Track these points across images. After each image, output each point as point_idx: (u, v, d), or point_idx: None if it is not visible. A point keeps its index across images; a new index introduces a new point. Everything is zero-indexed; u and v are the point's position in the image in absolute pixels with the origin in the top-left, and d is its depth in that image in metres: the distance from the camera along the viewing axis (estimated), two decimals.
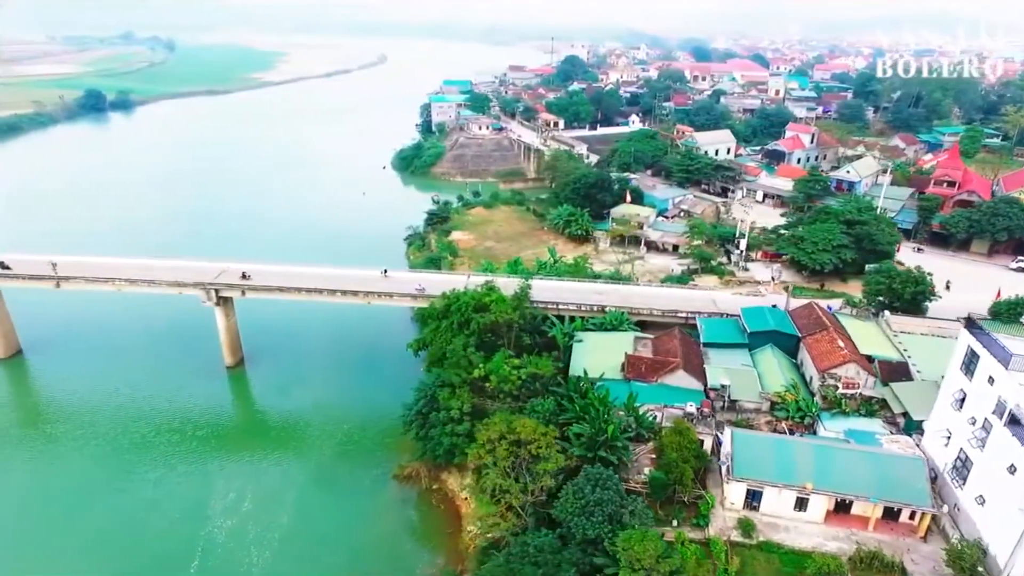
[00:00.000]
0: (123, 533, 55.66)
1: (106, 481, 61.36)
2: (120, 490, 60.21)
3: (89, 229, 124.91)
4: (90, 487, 60.52)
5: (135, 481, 61.56)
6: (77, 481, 61.18)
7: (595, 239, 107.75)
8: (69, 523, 56.53)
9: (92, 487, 60.54)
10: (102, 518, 57.27)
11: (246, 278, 76.22)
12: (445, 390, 58.54)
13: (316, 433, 69.25)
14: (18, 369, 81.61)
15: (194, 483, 61.87)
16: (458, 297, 66.29)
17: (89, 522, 56.78)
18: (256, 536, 55.70)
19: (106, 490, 60.29)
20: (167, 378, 78.08)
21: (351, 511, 59.79)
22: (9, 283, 77.24)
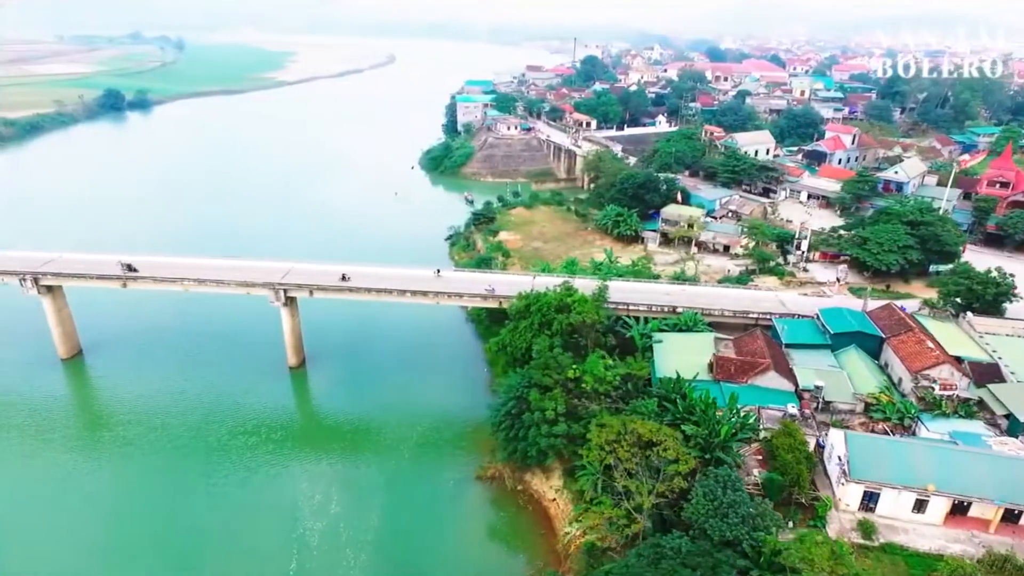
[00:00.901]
0: (219, 535, 55.42)
1: (191, 484, 60.93)
2: (208, 493, 59.81)
3: (129, 229, 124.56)
4: (177, 490, 60.02)
5: (220, 484, 61.20)
6: (163, 484, 60.61)
7: (644, 240, 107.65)
8: (162, 526, 56.19)
9: (179, 490, 60.05)
10: (195, 521, 56.87)
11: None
12: (534, 391, 58.21)
13: (390, 435, 68.85)
14: (80, 370, 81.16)
15: (279, 485, 61.52)
16: (538, 297, 66.08)
17: (182, 525, 56.42)
18: (349, 538, 55.41)
19: (194, 493, 59.88)
20: (231, 379, 77.76)
21: (439, 512, 59.48)
22: (76, 283, 76.88)
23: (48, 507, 57.74)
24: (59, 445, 66.11)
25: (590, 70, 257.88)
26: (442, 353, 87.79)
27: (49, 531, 55.17)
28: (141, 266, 76.10)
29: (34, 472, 62.01)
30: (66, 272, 76.09)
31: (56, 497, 58.82)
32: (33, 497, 58.91)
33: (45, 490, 59.68)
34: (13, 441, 66.22)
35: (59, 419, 70.87)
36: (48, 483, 60.70)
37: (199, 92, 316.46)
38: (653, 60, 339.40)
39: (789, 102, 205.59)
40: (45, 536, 54.68)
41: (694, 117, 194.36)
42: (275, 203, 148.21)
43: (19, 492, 59.45)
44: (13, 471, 62.00)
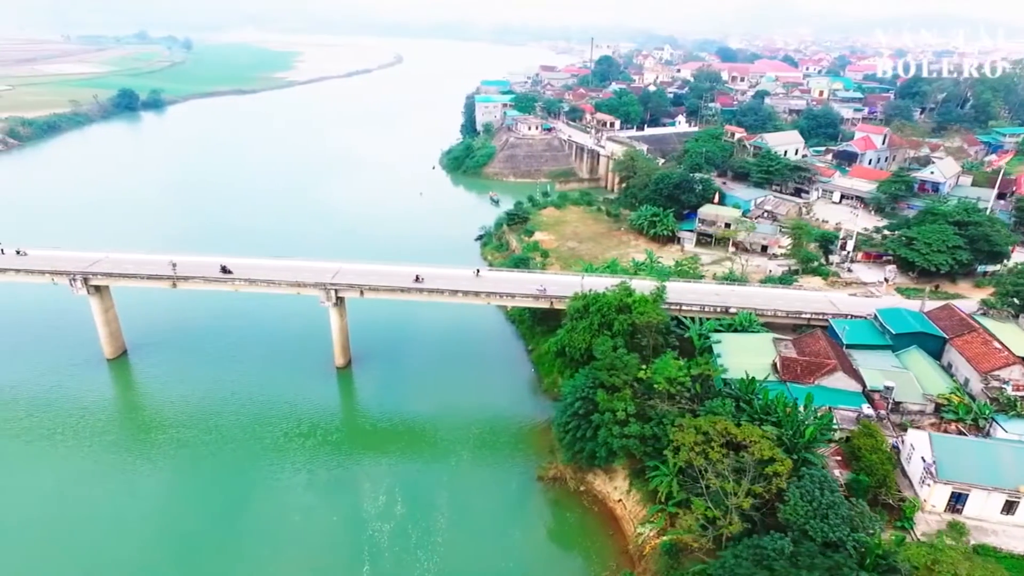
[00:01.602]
0: (289, 538, 54.96)
1: (254, 486, 60.60)
2: (272, 496, 59.46)
3: (161, 229, 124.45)
4: (240, 493, 59.69)
5: (284, 486, 60.87)
6: (225, 487, 60.29)
7: (680, 240, 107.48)
8: (230, 529, 55.89)
9: (242, 493, 59.71)
10: (262, 524, 56.55)
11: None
12: (600, 391, 57.98)
13: (446, 435, 68.55)
14: (125, 370, 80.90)
15: (342, 487, 61.25)
16: (596, 298, 65.86)
17: (250, 528, 56.12)
18: (418, 540, 55.14)
19: (257, 495, 59.53)
20: (279, 380, 77.41)
21: (504, 513, 59.36)
22: (126, 283, 76.61)
23: (111, 510, 57.45)
24: (116, 447, 65.79)
25: (605, 70, 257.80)
26: (484, 353, 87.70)
27: (113, 535, 54.84)
28: (188, 266, 75.83)
29: (94, 475, 61.56)
30: (116, 272, 75.85)
31: (118, 500, 58.48)
32: (93, 500, 58.59)
33: (106, 493, 59.32)
34: (69, 443, 65.79)
35: (113, 420, 70.77)
36: (108, 485, 60.30)
37: (211, 92, 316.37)
38: (664, 60, 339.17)
39: (808, 102, 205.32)
40: (109, 541, 54.26)
41: (714, 117, 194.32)
42: (298, 204, 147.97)
43: (80, 495, 59.00)
44: (71, 474, 61.57)
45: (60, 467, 62.48)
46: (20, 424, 68.05)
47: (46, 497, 58.60)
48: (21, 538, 54.27)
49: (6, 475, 61.13)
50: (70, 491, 59.47)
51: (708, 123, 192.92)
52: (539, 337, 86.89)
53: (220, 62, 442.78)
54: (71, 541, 53.99)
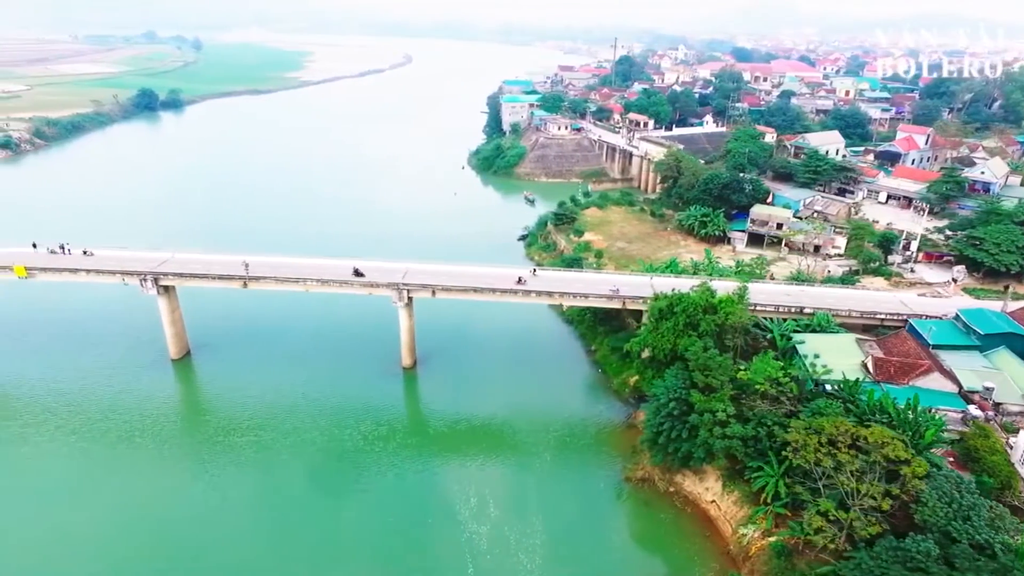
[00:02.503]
0: (387, 539, 54.76)
1: (343, 489, 60.26)
2: (362, 499, 59.11)
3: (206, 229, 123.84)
4: (330, 496, 59.22)
5: (373, 489, 60.50)
6: (314, 491, 59.75)
7: (731, 240, 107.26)
8: (328, 530, 55.52)
9: (332, 496, 59.25)
10: (359, 525, 56.36)
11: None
12: (695, 392, 57.69)
13: (526, 438, 68.01)
14: (191, 370, 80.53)
15: (431, 489, 60.88)
16: (681, 298, 65.53)
17: (346, 528, 55.92)
18: (517, 542, 54.81)
19: (348, 498, 59.18)
20: (347, 381, 76.97)
21: (597, 514, 59.05)
22: (197, 283, 76.27)
23: (206, 512, 57.06)
24: (198, 449, 65.28)
25: (627, 70, 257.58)
26: (543, 354, 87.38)
27: (215, 538, 54.45)
28: (265, 266, 75.51)
29: (182, 478, 61.09)
30: (187, 272, 75.48)
31: (212, 503, 58.04)
32: (189, 502, 58.12)
33: (199, 495, 58.88)
34: (150, 446, 65.29)
35: (189, 422, 70.44)
36: (198, 488, 59.87)
37: (227, 92, 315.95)
38: (679, 60, 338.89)
39: (835, 102, 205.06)
40: (212, 543, 53.90)
41: (741, 117, 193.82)
42: (335, 204, 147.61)
43: (173, 498, 58.48)
44: (160, 477, 61.04)
45: (148, 470, 61.94)
46: (98, 427, 67.54)
47: (144, 500, 58.10)
48: (131, 543, 53.72)
49: (99, 480, 60.61)
50: (163, 494, 58.98)
51: (736, 123, 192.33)
52: (600, 337, 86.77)
53: (231, 62, 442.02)
54: (178, 545, 53.51)
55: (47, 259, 77.52)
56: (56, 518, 55.54)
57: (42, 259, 77.53)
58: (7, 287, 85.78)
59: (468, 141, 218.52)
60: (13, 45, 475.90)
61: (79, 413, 69.56)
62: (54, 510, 56.48)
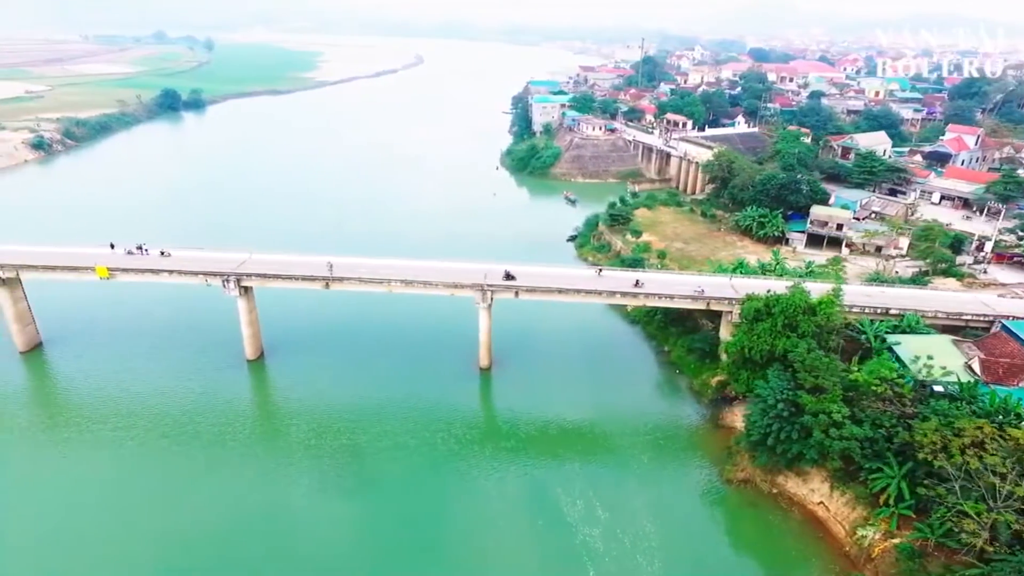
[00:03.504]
0: (504, 543, 54.50)
1: (450, 490, 59.89)
2: (470, 505, 58.70)
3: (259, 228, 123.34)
4: (439, 499, 58.84)
5: (478, 492, 60.12)
6: (420, 494, 59.45)
7: (790, 241, 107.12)
8: (444, 535, 55.44)
9: (440, 499, 58.85)
10: (470, 531, 56.03)
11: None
12: (803, 393, 57.47)
13: (618, 440, 67.54)
14: (267, 372, 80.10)
15: (535, 492, 60.38)
16: (778, 299, 65.31)
17: (459, 534, 55.68)
18: (632, 545, 54.44)
19: (455, 501, 58.74)
20: (427, 383, 76.19)
21: (706, 516, 58.89)
22: (279, 284, 75.91)
23: (312, 518, 56.59)
24: (291, 454, 64.15)
25: (652, 70, 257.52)
26: (613, 355, 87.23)
27: (323, 548, 53.92)
28: (349, 267, 75.23)
29: (279, 483, 60.48)
30: (271, 273, 75.15)
31: (319, 509, 57.52)
32: (292, 509, 57.69)
33: (302, 501, 58.48)
34: (242, 449, 64.90)
35: (277, 425, 69.36)
36: (299, 493, 59.41)
37: (246, 92, 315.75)
38: (697, 60, 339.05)
39: (866, 103, 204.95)
40: (320, 552, 53.23)
41: (773, 118, 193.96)
42: (377, 204, 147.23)
43: (278, 509, 57.83)
44: (258, 481, 60.54)
45: (246, 475, 61.37)
46: (187, 430, 66.83)
47: (250, 506, 57.73)
48: (249, 548, 53.59)
49: (202, 483, 60.22)
50: (270, 500, 58.54)
51: (768, 123, 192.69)
52: (672, 338, 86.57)
53: (244, 62, 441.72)
54: (291, 551, 53.17)
55: (127, 260, 77.17)
56: (172, 521, 55.25)
57: (121, 260, 77.19)
58: (76, 288, 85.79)
59: (495, 141, 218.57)
60: (25, 46, 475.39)
61: (165, 416, 68.97)
62: (167, 514, 56.18)
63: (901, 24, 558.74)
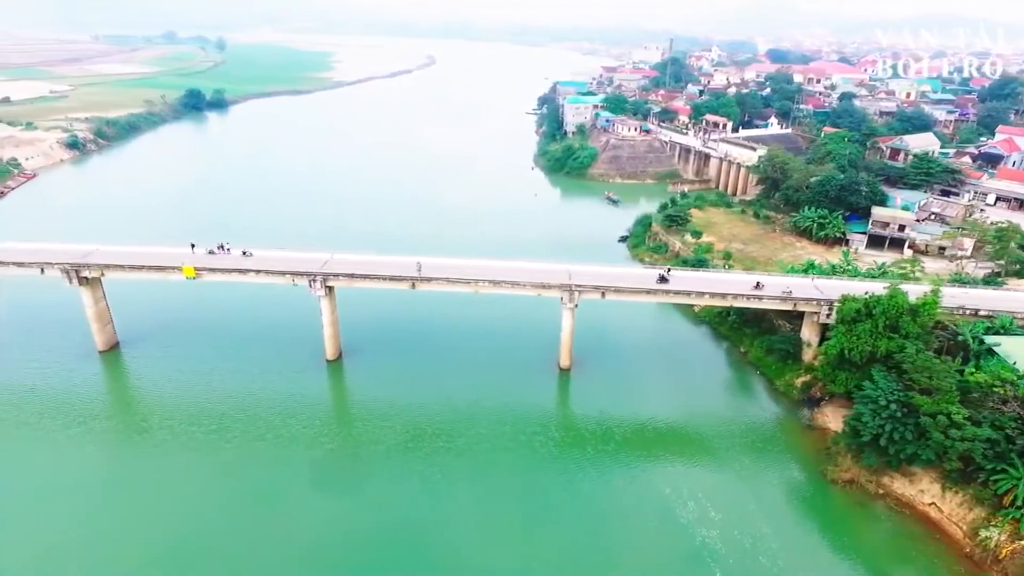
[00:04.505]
0: (625, 546, 54.41)
1: (552, 496, 59.63)
2: (582, 508, 58.34)
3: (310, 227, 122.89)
4: (540, 500, 59.05)
5: (586, 495, 59.75)
6: (533, 499, 59.48)
7: (850, 242, 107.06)
8: (553, 530, 55.41)
9: (542, 500, 59.05)
10: (586, 525, 56.05)
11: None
12: (916, 394, 57.42)
13: (714, 441, 67.33)
14: (346, 373, 79.94)
15: (643, 491, 60.39)
16: (879, 300, 65.19)
17: (574, 526, 55.81)
18: (753, 547, 54.22)
19: (565, 506, 58.48)
20: (511, 384, 76.18)
21: (818, 516, 58.67)
22: (367, 284, 75.70)
23: (433, 524, 56.37)
24: (396, 456, 63.90)
25: (678, 71, 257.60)
26: (690, 355, 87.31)
27: (443, 553, 53.76)
28: (436, 267, 75.08)
29: (396, 489, 60.00)
30: (358, 273, 74.99)
31: (435, 514, 57.32)
32: (410, 515, 57.51)
33: (426, 507, 58.09)
34: (347, 455, 64.73)
35: (375, 429, 67.86)
36: (410, 494, 59.26)
37: (266, 92, 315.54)
38: (715, 61, 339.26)
39: (898, 104, 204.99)
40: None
41: (806, 119, 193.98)
42: (419, 204, 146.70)
43: (396, 512, 57.65)
44: (380, 491, 59.93)
45: (356, 477, 61.45)
46: (282, 434, 66.07)
47: (370, 512, 57.68)
48: (373, 553, 53.56)
49: (309, 488, 60.08)
50: (380, 503, 58.58)
51: (801, 125, 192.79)
52: (748, 339, 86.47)
53: (258, 62, 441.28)
54: (415, 556, 53.12)
55: (211, 260, 77.02)
56: (294, 527, 55.04)
57: (205, 259, 77.03)
58: (146, 287, 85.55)
59: (523, 142, 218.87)
60: (38, 46, 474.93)
61: (257, 418, 68.23)
62: (287, 519, 55.97)
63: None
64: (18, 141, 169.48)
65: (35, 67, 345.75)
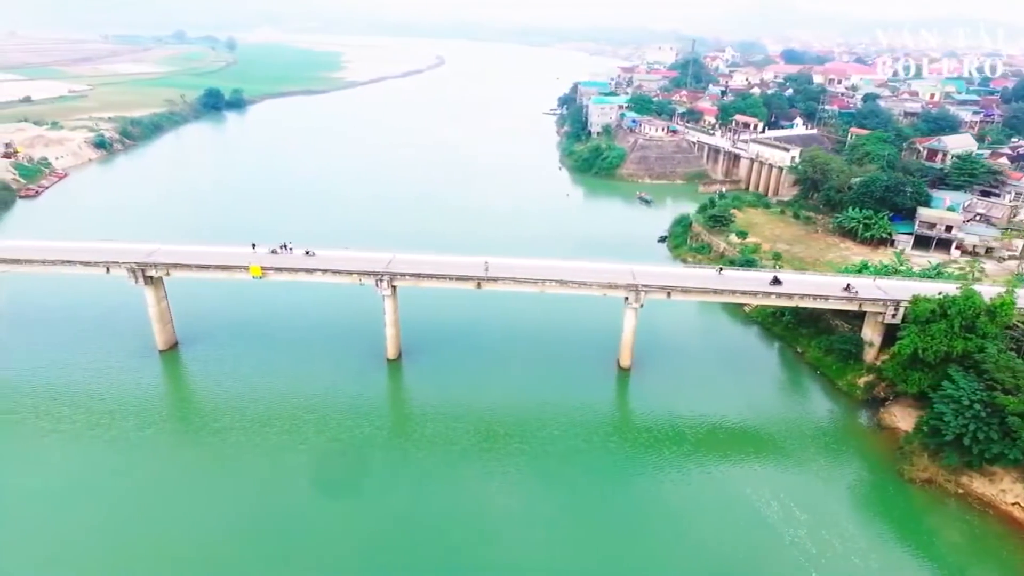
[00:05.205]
0: (711, 540, 54.62)
1: (642, 493, 59.92)
2: (664, 506, 58.67)
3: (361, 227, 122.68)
4: (632, 497, 59.17)
5: (671, 493, 60.10)
6: (618, 491, 59.81)
7: (896, 242, 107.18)
8: (641, 530, 55.51)
9: (634, 497, 59.18)
10: (676, 525, 56.27)
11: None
12: (999, 394, 57.52)
13: (786, 442, 67.35)
14: (401, 372, 79.93)
15: (725, 491, 60.39)
16: (954, 301, 65.28)
17: (663, 526, 56.13)
18: (844, 547, 54.17)
19: (652, 501, 58.97)
20: (571, 383, 76.40)
21: (902, 516, 58.71)
22: (432, 284, 75.73)
23: (516, 524, 56.61)
24: (468, 457, 63.94)
25: (699, 72, 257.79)
26: (745, 354, 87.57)
27: (530, 553, 53.86)
28: (503, 267, 75.19)
29: (488, 494, 59.90)
30: (424, 273, 74.98)
31: (520, 516, 57.41)
32: (492, 517, 57.67)
33: (513, 509, 58.05)
34: (421, 454, 64.99)
35: (448, 429, 67.43)
36: (492, 493, 59.43)
37: (282, 92, 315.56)
38: (729, 62, 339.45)
39: (923, 105, 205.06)
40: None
41: (831, 120, 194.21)
42: (450, 203, 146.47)
43: (479, 517, 57.79)
44: (464, 491, 59.97)
45: (438, 478, 61.05)
46: (355, 435, 66.09)
47: (457, 514, 57.73)
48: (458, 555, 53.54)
49: (401, 489, 60.22)
50: (463, 505, 58.76)
51: (826, 125, 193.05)
52: (805, 339, 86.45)
53: (269, 62, 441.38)
54: (499, 557, 53.23)
55: (275, 259, 77.11)
56: (381, 529, 55.46)
57: (269, 259, 77.13)
58: (205, 287, 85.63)
59: (544, 142, 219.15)
60: (48, 45, 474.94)
61: (328, 420, 67.50)
62: (376, 522, 56.38)
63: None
64: (47, 141, 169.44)
65: (49, 67, 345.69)
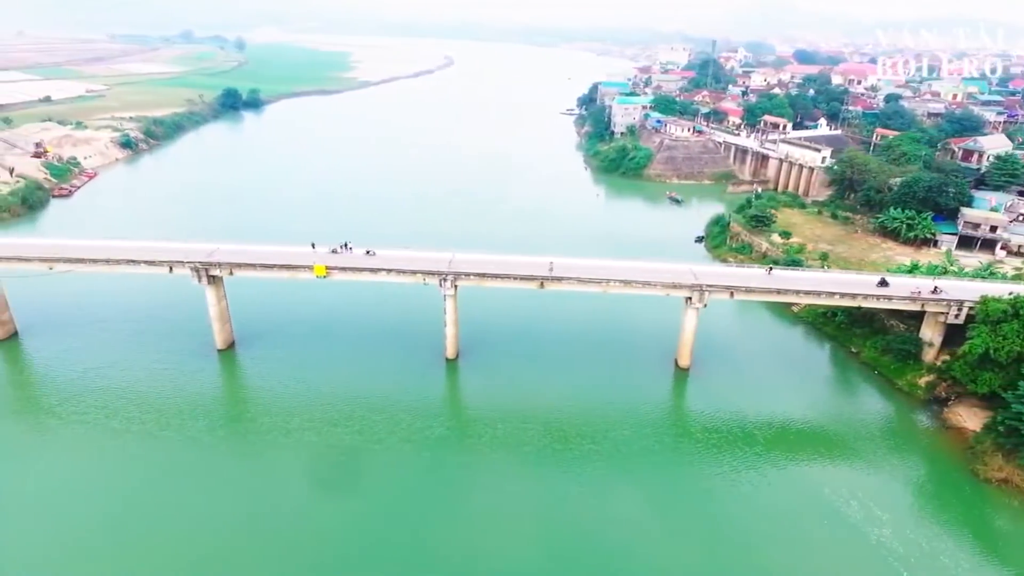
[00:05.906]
0: (799, 538, 54.80)
1: (723, 493, 60.08)
2: (747, 506, 58.61)
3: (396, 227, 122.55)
4: (713, 498, 59.42)
5: (750, 493, 60.00)
6: (698, 492, 60.22)
7: (939, 243, 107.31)
8: (727, 530, 55.57)
9: (715, 498, 59.42)
10: (762, 525, 56.27)
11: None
12: None
13: (856, 443, 67.30)
14: (458, 372, 79.85)
15: (803, 491, 60.44)
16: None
17: (752, 523, 56.10)
18: (930, 546, 54.26)
19: (735, 501, 59.02)
20: (628, 383, 76.57)
21: (983, 516, 58.88)
22: (494, 283, 75.79)
23: (594, 521, 56.73)
24: (542, 456, 64.01)
25: (718, 72, 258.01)
26: (800, 355, 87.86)
27: (613, 552, 54.15)
28: (568, 267, 75.34)
29: (570, 495, 59.95)
30: (489, 272, 75.09)
31: (606, 516, 57.51)
32: (570, 516, 57.82)
33: (593, 509, 58.13)
34: (487, 453, 65.03)
35: (519, 431, 67.62)
36: (588, 502, 59.44)
37: (297, 92, 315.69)
38: (742, 62, 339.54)
39: (946, 105, 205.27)
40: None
41: (855, 121, 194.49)
42: (483, 204, 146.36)
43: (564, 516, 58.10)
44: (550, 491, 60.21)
45: (521, 480, 61.33)
46: (427, 435, 66.33)
47: (529, 513, 57.93)
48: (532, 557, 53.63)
49: (471, 490, 60.64)
50: (541, 502, 58.99)
51: (850, 126, 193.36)
52: (859, 339, 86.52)
53: (280, 62, 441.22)
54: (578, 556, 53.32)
55: (337, 259, 77.22)
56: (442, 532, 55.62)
57: (331, 259, 77.23)
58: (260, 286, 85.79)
59: (564, 142, 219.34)
60: (58, 45, 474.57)
61: (399, 420, 67.40)
62: (455, 524, 56.53)
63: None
64: (75, 140, 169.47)
65: (62, 67, 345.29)
